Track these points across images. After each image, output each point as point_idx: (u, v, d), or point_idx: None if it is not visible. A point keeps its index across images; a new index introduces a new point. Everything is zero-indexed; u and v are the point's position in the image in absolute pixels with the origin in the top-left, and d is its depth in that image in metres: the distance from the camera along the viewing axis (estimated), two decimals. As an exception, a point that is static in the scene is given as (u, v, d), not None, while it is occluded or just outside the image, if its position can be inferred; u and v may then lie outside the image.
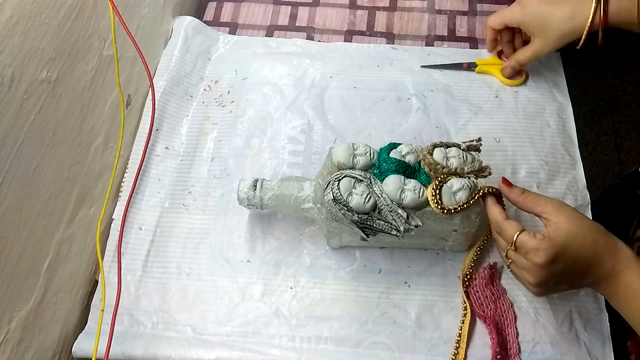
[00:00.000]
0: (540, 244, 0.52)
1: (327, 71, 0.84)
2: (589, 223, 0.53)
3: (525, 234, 0.53)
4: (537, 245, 0.52)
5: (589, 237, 0.51)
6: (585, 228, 0.52)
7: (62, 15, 0.60)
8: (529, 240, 0.53)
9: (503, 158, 0.75)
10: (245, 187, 0.65)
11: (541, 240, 0.52)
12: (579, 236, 0.51)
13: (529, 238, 0.53)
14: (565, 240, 0.51)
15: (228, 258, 0.69)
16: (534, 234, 0.53)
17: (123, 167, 0.76)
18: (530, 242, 0.52)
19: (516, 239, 0.53)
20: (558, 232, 0.51)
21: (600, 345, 0.63)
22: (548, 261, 0.51)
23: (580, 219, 0.53)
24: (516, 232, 0.54)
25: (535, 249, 0.52)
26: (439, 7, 0.92)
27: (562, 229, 0.51)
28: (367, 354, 0.63)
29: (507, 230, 0.55)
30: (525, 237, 0.53)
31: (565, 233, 0.51)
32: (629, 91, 1.72)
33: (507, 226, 0.55)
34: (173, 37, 0.87)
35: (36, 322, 0.59)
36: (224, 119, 0.80)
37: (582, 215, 0.53)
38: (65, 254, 0.64)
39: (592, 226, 0.53)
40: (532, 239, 0.52)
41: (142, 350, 0.63)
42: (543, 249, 0.51)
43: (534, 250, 0.52)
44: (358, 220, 0.57)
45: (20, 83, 0.54)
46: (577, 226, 0.52)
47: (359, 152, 0.60)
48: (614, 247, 0.52)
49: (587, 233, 0.52)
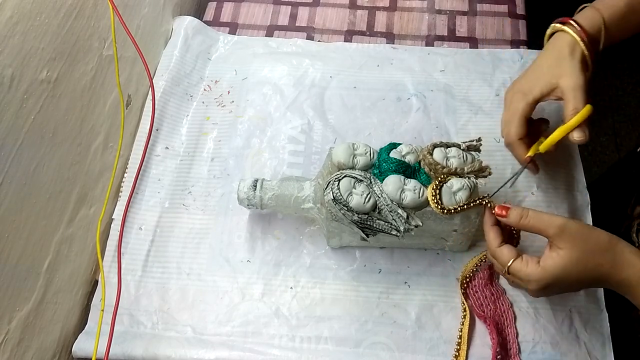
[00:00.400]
0: (533, 274, 0.50)
1: (327, 71, 0.84)
2: (593, 245, 0.50)
3: (518, 262, 0.52)
4: (529, 274, 0.51)
5: (591, 262, 0.50)
6: (588, 253, 0.50)
7: (62, 15, 0.60)
8: (521, 269, 0.52)
9: (503, 158, 0.75)
10: (245, 187, 0.65)
11: (534, 270, 0.51)
12: (580, 263, 0.50)
13: (521, 266, 0.52)
14: (561, 271, 0.50)
15: (228, 258, 0.69)
16: (527, 262, 0.52)
17: (123, 167, 0.76)
18: (523, 271, 0.51)
19: (509, 267, 0.52)
20: (556, 261, 0.50)
21: (600, 345, 0.63)
22: (540, 288, 0.51)
23: (585, 242, 0.50)
24: (509, 259, 0.53)
25: (527, 278, 0.51)
26: (439, 7, 0.92)
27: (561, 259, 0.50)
28: (367, 354, 0.63)
29: (500, 258, 0.54)
30: (518, 265, 0.52)
31: (563, 263, 0.50)
32: (629, 91, 1.72)
33: (500, 253, 0.54)
34: (173, 37, 0.87)
35: (36, 322, 0.59)
36: (224, 119, 0.80)
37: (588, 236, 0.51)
38: (65, 254, 0.64)
39: (597, 247, 0.50)
40: (525, 267, 0.51)
41: (142, 350, 0.63)
42: (535, 280, 0.50)
43: (526, 278, 0.51)
44: (358, 220, 0.57)
45: (20, 83, 0.54)
46: (579, 253, 0.50)
47: (359, 152, 0.60)
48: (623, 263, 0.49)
49: (590, 258, 0.50)
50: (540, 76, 0.62)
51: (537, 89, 0.62)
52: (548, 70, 0.62)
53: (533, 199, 0.72)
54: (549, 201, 0.72)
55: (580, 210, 0.71)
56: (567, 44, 0.61)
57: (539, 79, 0.62)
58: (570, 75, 0.60)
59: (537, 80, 0.62)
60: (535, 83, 0.62)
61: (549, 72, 0.62)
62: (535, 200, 0.72)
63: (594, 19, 0.61)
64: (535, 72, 0.64)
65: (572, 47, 0.61)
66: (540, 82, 0.62)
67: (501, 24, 0.89)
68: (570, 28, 0.61)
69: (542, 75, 0.62)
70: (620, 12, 0.61)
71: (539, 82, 0.62)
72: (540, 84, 0.62)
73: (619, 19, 0.61)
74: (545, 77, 0.62)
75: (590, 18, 0.61)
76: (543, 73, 0.62)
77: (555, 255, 0.50)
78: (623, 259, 0.50)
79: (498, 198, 0.72)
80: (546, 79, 0.62)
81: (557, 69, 0.61)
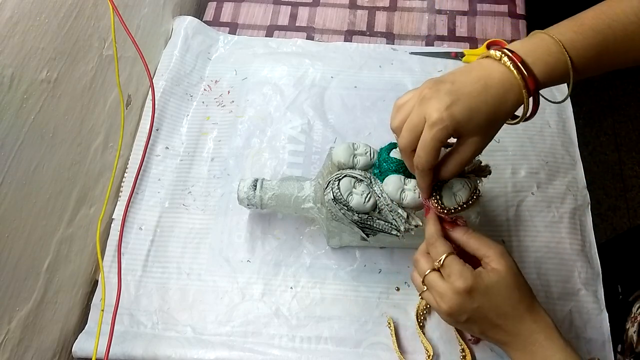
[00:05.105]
0: (466, 272, 0.50)
1: (327, 71, 0.84)
2: (523, 282, 0.51)
3: (456, 257, 0.51)
4: (462, 271, 0.50)
5: (515, 294, 0.49)
6: (518, 284, 0.50)
7: (62, 15, 0.60)
8: (457, 264, 0.50)
9: (503, 158, 0.75)
10: (245, 187, 0.65)
11: (469, 270, 0.50)
12: (508, 288, 0.49)
13: (458, 261, 0.51)
14: (492, 284, 0.49)
15: (228, 258, 0.69)
16: (464, 262, 0.51)
17: (123, 167, 0.76)
18: (458, 266, 0.50)
19: (445, 257, 0.51)
20: (489, 275, 0.49)
21: (600, 345, 0.63)
22: (466, 289, 0.49)
23: (517, 275, 0.51)
24: (448, 251, 0.51)
25: (459, 273, 0.50)
26: (439, 7, 0.92)
27: (495, 274, 0.49)
28: (367, 354, 0.63)
29: (439, 247, 0.52)
30: (455, 259, 0.51)
31: (496, 278, 0.49)
32: (629, 91, 1.72)
33: (440, 243, 0.52)
34: (173, 37, 0.87)
35: (36, 322, 0.59)
36: (224, 119, 0.80)
37: (519, 272, 0.51)
38: (65, 254, 0.64)
39: (524, 287, 0.51)
40: (461, 264, 0.50)
41: (142, 350, 0.63)
42: (465, 277, 0.49)
43: (457, 274, 0.50)
44: (358, 220, 0.57)
45: (20, 83, 0.54)
46: (510, 278, 0.50)
47: (359, 152, 0.60)
48: (538, 314, 0.50)
49: (516, 290, 0.50)
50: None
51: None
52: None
53: (533, 199, 0.72)
54: (549, 201, 0.72)
55: (580, 210, 0.71)
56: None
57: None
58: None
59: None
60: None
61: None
62: (535, 200, 0.72)
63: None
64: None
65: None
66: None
67: (501, 24, 0.89)
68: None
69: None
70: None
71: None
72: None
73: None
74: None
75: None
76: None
77: (489, 270, 0.50)
78: (538, 309, 0.50)
79: (498, 199, 0.72)
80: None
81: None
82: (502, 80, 0.47)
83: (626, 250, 0.81)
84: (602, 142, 1.63)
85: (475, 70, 0.48)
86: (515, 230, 0.70)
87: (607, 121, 1.66)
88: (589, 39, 0.47)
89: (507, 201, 0.72)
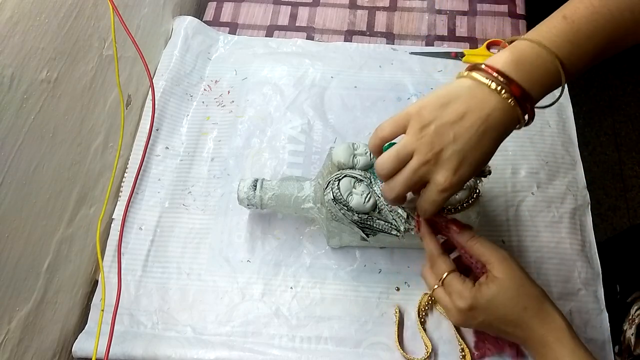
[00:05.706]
0: (465, 291, 0.50)
1: (327, 71, 0.84)
2: (527, 288, 0.50)
3: (456, 274, 0.52)
4: (462, 290, 0.50)
5: (520, 302, 0.49)
6: (521, 291, 0.50)
7: (62, 15, 0.60)
8: (457, 283, 0.51)
9: (503, 158, 0.75)
10: (245, 187, 0.65)
11: (469, 288, 0.50)
12: (511, 297, 0.50)
13: (457, 280, 0.51)
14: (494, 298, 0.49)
15: (228, 258, 0.69)
16: (464, 278, 0.51)
17: (123, 167, 0.76)
18: (457, 285, 0.51)
19: (445, 277, 0.52)
20: (490, 287, 0.50)
21: (600, 346, 0.63)
22: (466, 308, 0.50)
23: (520, 279, 0.50)
24: (448, 269, 0.52)
25: (460, 293, 0.50)
26: (439, 7, 0.92)
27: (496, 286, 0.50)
28: (367, 354, 0.63)
29: (440, 266, 0.53)
30: (454, 277, 0.52)
31: (497, 291, 0.49)
32: (629, 91, 1.72)
33: (441, 261, 0.53)
34: (173, 37, 0.87)
35: (36, 322, 0.59)
36: (224, 119, 0.80)
37: (525, 275, 0.51)
38: (65, 254, 0.64)
39: (530, 292, 0.50)
40: (460, 283, 0.51)
41: (142, 350, 0.63)
42: (465, 298, 0.50)
43: (457, 293, 0.51)
44: (358, 220, 0.57)
45: (20, 83, 0.54)
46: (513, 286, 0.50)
47: (359, 152, 0.60)
48: (547, 317, 0.49)
49: (520, 297, 0.50)
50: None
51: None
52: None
53: (533, 199, 0.72)
54: (549, 201, 0.72)
55: (580, 210, 0.71)
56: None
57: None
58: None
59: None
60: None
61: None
62: (535, 200, 0.72)
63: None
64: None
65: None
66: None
67: (501, 24, 0.89)
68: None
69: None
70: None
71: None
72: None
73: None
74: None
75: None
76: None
77: (490, 281, 0.50)
78: (548, 312, 0.50)
79: (498, 199, 0.72)
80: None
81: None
82: (503, 120, 0.45)
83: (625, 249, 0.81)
84: (602, 142, 1.63)
85: (471, 111, 0.44)
86: (515, 230, 0.70)
87: (607, 121, 1.66)
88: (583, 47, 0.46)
89: (507, 201, 0.72)
